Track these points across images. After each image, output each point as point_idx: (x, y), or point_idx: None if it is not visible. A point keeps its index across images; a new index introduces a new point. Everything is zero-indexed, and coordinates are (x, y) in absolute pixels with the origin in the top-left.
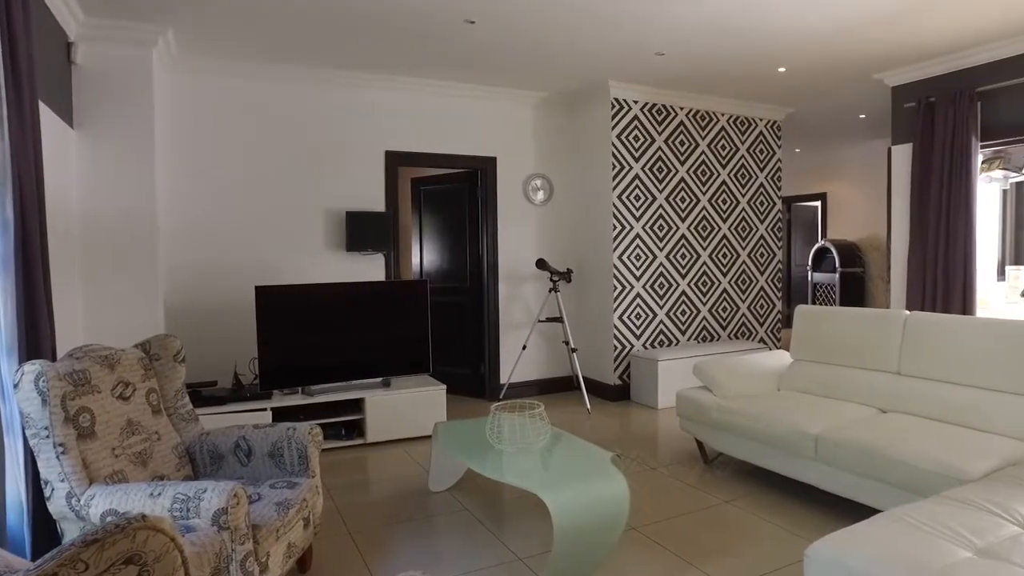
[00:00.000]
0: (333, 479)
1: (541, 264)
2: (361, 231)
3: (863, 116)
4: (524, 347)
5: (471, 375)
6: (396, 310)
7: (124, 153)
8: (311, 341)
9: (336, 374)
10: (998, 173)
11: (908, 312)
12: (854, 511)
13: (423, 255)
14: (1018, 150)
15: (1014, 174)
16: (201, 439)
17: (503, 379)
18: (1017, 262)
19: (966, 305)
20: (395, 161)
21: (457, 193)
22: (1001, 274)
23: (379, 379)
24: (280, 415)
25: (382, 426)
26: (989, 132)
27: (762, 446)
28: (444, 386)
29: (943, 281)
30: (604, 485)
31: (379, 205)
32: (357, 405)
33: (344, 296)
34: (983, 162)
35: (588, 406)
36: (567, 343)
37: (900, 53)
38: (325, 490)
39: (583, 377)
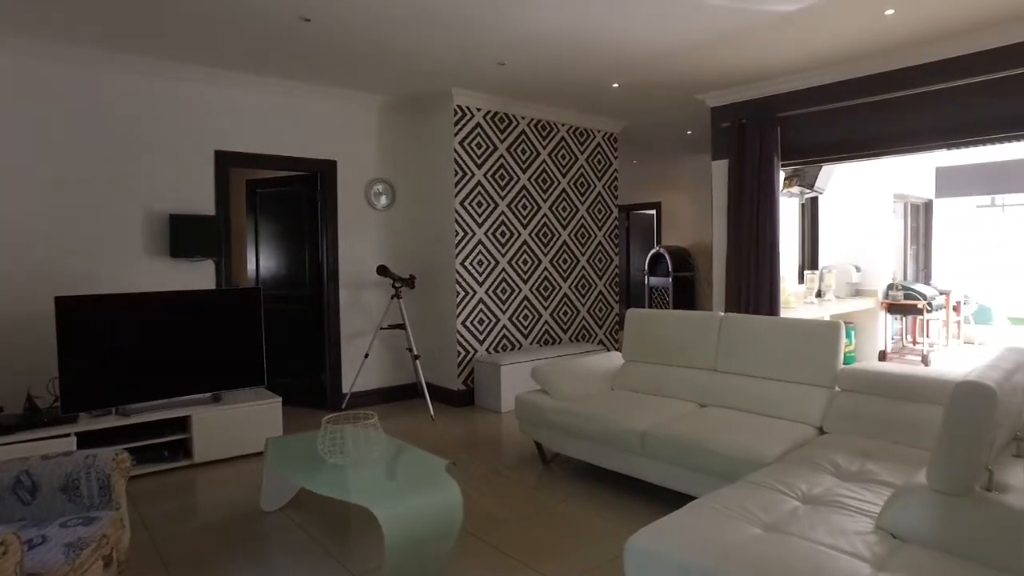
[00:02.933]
0: (151, 507)
1: (383, 270)
2: (187, 235)
3: (690, 132)
4: (366, 355)
5: (312, 385)
6: (226, 320)
7: None
8: (127, 356)
9: (158, 391)
10: (796, 189)
11: (723, 314)
12: (680, 501)
13: (259, 261)
14: (811, 169)
15: (808, 190)
16: None
17: (345, 389)
18: (813, 267)
19: (772, 306)
20: (227, 161)
21: (295, 197)
22: (801, 278)
23: (208, 394)
24: (88, 440)
25: (211, 445)
26: (788, 152)
27: (595, 445)
28: (280, 399)
29: (754, 284)
30: (437, 494)
31: (208, 208)
32: (182, 423)
33: (166, 306)
34: (785, 179)
35: (432, 413)
36: (410, 350)
37: (716, 78)
38: (139, 520)
39: (427, 383)
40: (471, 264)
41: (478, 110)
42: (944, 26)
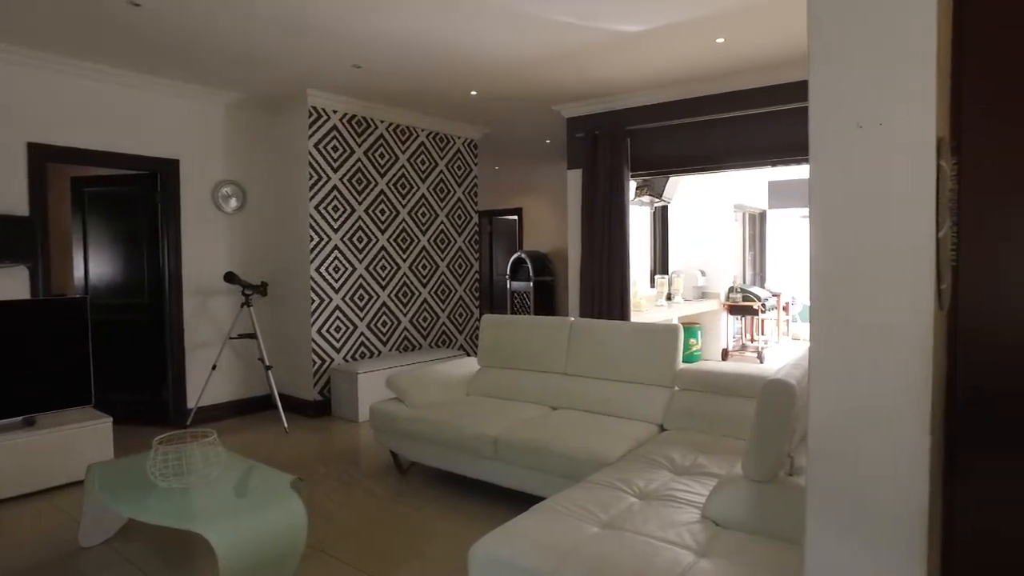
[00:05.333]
0: None
1: (230, 277)
2: None
3: (548, 141)
4: (214, 367)
5: (152, 401)
6: (43, 333)
7: None
8: None
9: None
10: (647, 198)
11: (573, 319)
12: (533, 503)
13: (88, 267)
14: (659, 180)
15: (658, 200)
16: None
17: (191, 403)
18: (663, 272)
19: (623, 309)
20: (44, 156)
21: (132, 198)
22: (653, 282)
23: (18, 418)
24: None
25: (20, 476)
26: (637, 164)
27: (450, 452)
28: (110, 418)
29: (607, 289)
30: (279, 513)
31: (20, 207)
32: None
33: None
34: (636, 189)
35: (286, 425)
36: (262, 360)
37: (571, 90)
38: None
39: (281, 395)
40: (327, 270)
41: (334, 112)
42: (768, 57)
